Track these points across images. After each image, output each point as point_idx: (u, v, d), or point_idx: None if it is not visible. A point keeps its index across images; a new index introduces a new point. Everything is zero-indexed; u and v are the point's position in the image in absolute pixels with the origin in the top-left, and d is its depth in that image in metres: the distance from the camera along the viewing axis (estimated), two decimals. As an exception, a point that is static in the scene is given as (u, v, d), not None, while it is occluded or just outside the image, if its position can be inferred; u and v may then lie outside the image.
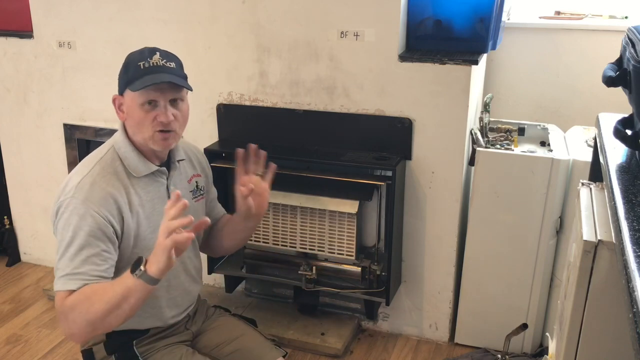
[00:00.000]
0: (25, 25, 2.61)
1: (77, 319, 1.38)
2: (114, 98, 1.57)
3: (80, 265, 1.41)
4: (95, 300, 1.36)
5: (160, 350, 1.62)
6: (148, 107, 1.49)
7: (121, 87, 1.54)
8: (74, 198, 1.45)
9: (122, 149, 1.55)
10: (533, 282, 2.20)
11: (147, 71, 1.48)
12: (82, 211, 1.44)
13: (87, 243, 1.43)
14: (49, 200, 2.83)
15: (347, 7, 2.12)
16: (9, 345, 2.42)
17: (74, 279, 1.41)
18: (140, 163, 1.55)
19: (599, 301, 1.17)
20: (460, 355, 2.32)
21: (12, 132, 2.83)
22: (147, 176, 1.56)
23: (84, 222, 1.43)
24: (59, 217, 1.47)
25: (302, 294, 2.41)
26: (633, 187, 1.10)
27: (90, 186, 1.47)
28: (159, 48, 1.55)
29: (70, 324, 1.39)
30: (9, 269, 3.01)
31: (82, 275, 1.41)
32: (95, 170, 1.51)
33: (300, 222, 2.30)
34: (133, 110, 1.51)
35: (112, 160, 1.54)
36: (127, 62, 1.53)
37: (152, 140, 1.52)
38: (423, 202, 2.26)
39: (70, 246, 1.43)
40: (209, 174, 1.82)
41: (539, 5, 2.69)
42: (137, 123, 1.51)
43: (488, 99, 2.30)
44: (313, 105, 2.28)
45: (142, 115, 1.50)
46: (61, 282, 1.41)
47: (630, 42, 1.26)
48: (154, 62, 1.50)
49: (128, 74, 1.51)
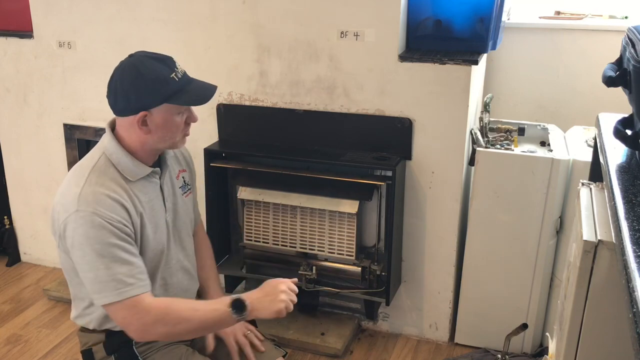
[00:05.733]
0: (25, 25, 2.61)
1: (163, 330, 1.44)
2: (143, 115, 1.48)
3: (125, 269, 1.42)
4: (186, 319, 1.44)
5: (159, 350, 1.62)
6: (185, 113, 1.53)
7: (152, 102, 1.46)
8: (80, 212, 1.41)
9: (114, 155, 1.51)
10: (533, 282, 2.20)
11: (186, 82, 1.50)
12: (97, 222, 1.40)
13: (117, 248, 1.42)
14: (49, 200, 2.85)
15: (347, 7, 2.12)
16: (9, 345, 2.42)
17: (140, 280, 1.43)
18: (134, 167, 1.53)
19: (599, 301, 1.17)
20: (460, 355, 2.32)
21: (12, 132, 2.83)
22: (142, 178, 1.55)
23: (103, 232, 1.41)
24: (71, 234, 1.42)
25: (302, 294, 2.40)
26: (633, 187, 1.10)
27: (94, 196, 1.43)
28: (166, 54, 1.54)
29: (152, 333, 1.45)
30: (9, 269, 3.01)
31: (135, 278, 1.42)
32: (92, 179, 1.47)
33: (300, 222, 2.30)
34: (169, 121, 1.49)
35: (106, 167, 1.50)
36: (151, 76, 1.45)
37: (180, 143, 1.56)
38: (423, 202, 2.26)
39: (103, 257, 1.40)
40: (193, 169, 1.81)
41: (539, 5, 2.69)
42: (172, 132, 1.51)
43: (488, 99, 2.30)
44: (313, 105, 2.28)
45: (180, 122, 1.51)
46: (116, 293, 1.40)
47: (630, 42, 1.26)
48: (180, 71, 1.50)
49: (167, 89, 1.45)
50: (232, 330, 1.71)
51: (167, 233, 1.61)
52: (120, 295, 1.40)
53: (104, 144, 1.55)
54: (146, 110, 1.48)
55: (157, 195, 1.59)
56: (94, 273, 1.41)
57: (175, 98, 1.47)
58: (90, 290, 1.44)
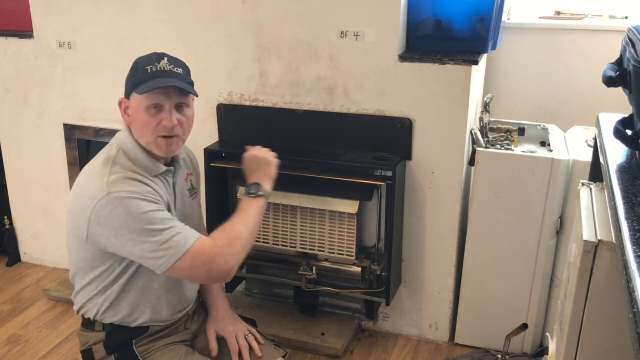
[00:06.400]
0: (25, 25, 2.61)
1: (234, 251, 1.50)
2: (120, 101, 1.57)
3: (176, 222, 1.47)
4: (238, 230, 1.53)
5: (159, 350, 1.62)
6: (153, 111, 1.50)
7: (128, 90, 1.54)
8: (113, 193, 1.43)
9: (131, 151, 1.54)
10: (533, 282, 2.20)
11: (154, 75, 1.49)
12: (133, 197, 1.43)
13: (161, 212, 1.47)
14: (49, 200, 2.86)
15: (347, 7, 2.12)
16: (9, 345, 2.42)
17: (187, 233, 1.47)
18: (150, 163, 1.55)
19: (599, 301, 1.17)
20: (460, 355, 2.32)
21: (12, 132, 2.83)
22: (156, 176, 1.57)
23: (142, 203, 1.44)
24: (110, 217, 1.43)
25: (302, 294, 2.41)
26: (633, 187, 1.10)
27: (122, 179, 1.46)
28: (167, 53, 1.55)
29: (228, 259, 1.49)
30: (9, 269, 3.01)
31: (186, 229, 1.48)
32: (116, 169, 1.49)
33: (300, 222, 2.30)
34: (138, 113, 1.51)
35: (125, 161, 1.53)
36: (135, 66, 1.53)
37: (155, 145, 1.53)
38: (423, 202, 2.26)
39: (152, 224, 1.44)
40: (199, 173, 1.84)
41: (539, 5, 2.69)
42: (141, 126, 1.51)
43: (488, 99, 2.30)
44: (313, 105, 2.28)
45: (147, 119, 1.50)
46: (180, 239, 1.44)
47: (630, 42, 1.26)
48: (161, 66, 1.50)
49: (135, 77, 1.51)
50: (234, 330, 1.72)
51: None
52: (183, 248, 1.44)
53: (120, 139, 1.57)
54: (125, 97, 1.55)
55: (169, 194, 1.60)
56: (152, 240, 1.43)
57: (138, 87, 1.49)
58: (151, 260, 1.45)
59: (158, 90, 1.48)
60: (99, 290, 1.58)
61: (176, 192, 1.63)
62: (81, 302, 1.63)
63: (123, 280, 1.55)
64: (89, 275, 1.57)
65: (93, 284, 1.58)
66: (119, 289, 1.56)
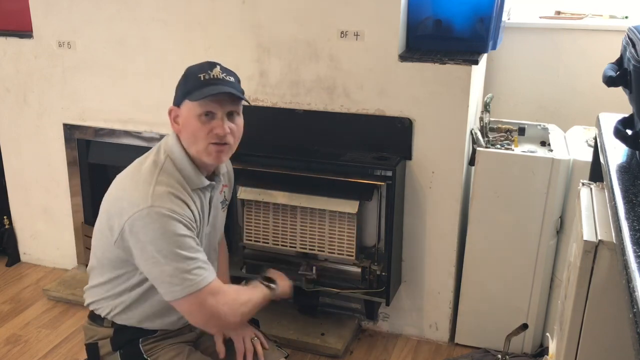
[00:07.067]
0: (25, 25, 2.61)
1: (238, 309, 1.53)
2: (170, 109, 1.56)
3: (202, 256, 1.48)
4: (247, 299, 1.57)
5: (164, 349, 1.63)
6: (205, 119, 1.49)
7: (179, 98, 1.53)
8: (155, 207, 1.43)
9: (179, 160, 1.53)
10: (533, 282, 2.20)
11: (207, 83, 1.49)
12: (173, 217, 1.43)
13: (192, 240, 1.47)
14: (49, 200, 2.86)
15: (347, 7, 2.12)
16: (9, 345, 2.42)
17: (208, 270, 1.48)
18: (195, 176, 1.55)
19: (599, 301, 1.17)
20: (460, 356, 2.32)
21: (12, 132, 2.83)
22: (198, 189, 1.57)
23: (179, 226, 1.44)
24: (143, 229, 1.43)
25: (302, 294, 2.41)
26: (633, 187, 1.09)
27: (167, 195, 1.46)
28: (219, 63, 1.55)
29: (235, 312, 1.52)
30: (8, 269, 3.01)
31: (208, 264, 1.49)
32: (163, 180, 1.49)
33: (300, 222, 2.30)
34: (189, 121, 1.50)
35: (173, 170, 1.52)
36: (187, 74, 1.54)
37: (205, 153, 1.52)
38: (423, 202, 2.26)
39: (181, 249, 1.43)
40: (232, 185, 1.85)
41: (539, 5, 2.68)
42: (192, 135, 1.51)
43: (488, 98, 2.29)
44: (313, 105, 2.28)
45: (199, 127, 1.49)
46: (201, 274, 1.45)
47: (631, 42, 1.26)
48: (214, 74, 1.50)
49: (187, 85, 1.51)
50: (242, 332, 1.72)
51: (202, 244, 1.62)
52: (200, 284, 1.45)
53: (169, 146, 1.56)
54: (175, 105, 1.54)
55: (204, 208, 1.60)
56: (174, 265, 1.43)
57: (191, 95, 1.49)
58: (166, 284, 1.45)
59: (211, 98, 1.48)
60: (116, 292, 1.58)
61: (212, 207, 1.63)
62: (94, 298, 1.63)
63: (141, 290, 1.56)
64: (107, 274, 1.58)
65: (110, 284, 1.58)
66: (136, 297, 1.57)
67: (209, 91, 1.48)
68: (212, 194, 1.63)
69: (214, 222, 1.68)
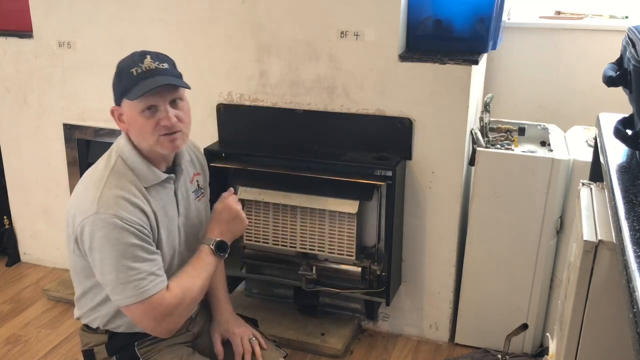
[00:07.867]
0: (25, 25, 2.61)
1: (184, 310, 1.50)
2: (112, 110, 1.52)
3: (147, 267, 1.43)
4: (194, 289, 1.51)
5: (161, 351, 1.62)
6: (149, 113, 1.45)
7: (117, 97, 1.49)
8: (101, 214, 1.40)
9: (130, 159, 1.50)
10: (533, 282, 2.20)
11: (141, 77, 1.43)
12: (118, 224, 1.40)
13: (138, 249, 1.42)
14: (49, 200, 2.86)
15: (347, 7, 2.12)
16: (9, 345, 2.42)
17: (154, 281, 1.44)
18: (149, 172, 1.51)
19: (599, 301, 1.17)
20: (460, 356, 2.32)
21: (12, 132, 2.83)
22: (156, 184, 1.54)
23: (124, 234, 1.40)
24: (89, 236, 1.41)
25: (302, 294, 2.41)
26: (633, 187, 1.09)
27: (114, 199, 1.42)
28: (149, 50, 1.49)
29: (177, 319, 1.49)
30: (8, 269, 3.01)
31: (155, 275, 1.45)
32: (112, 182, 1.45)
33: (300, 222, 2.30)
34: (134, 119, 1.46)
35: (124, 170, 1.49)
36: (119, 71, 1.48)
37: (158, 145, 1.47)
38: (423, 202, 2.26)
39: (125, 258, 1.41)
40: (207, 172, 1.79)
41: (539, 5, 2.68)
42: (140, 131, 1.47)
43: (488, 99, 2.29)
44: (313, 105, 2.28)
45: (144, 122, 1.45)
46: (143, 285, 1.42)
47: (631, 41, 1.26)
48: (145, 66, 1.44)
49: (122, 83, 1.46)
50: (240, 332, 1.72)
51: (178, 237, 1.60)
52: (141, 296, 1.42)
53: (120, 146, 1.53)
54: (116, 104, 1.51)
55: (170, 201, 1.58)
56: (115, 275, 1.41)
57: (129, 93, 1.44)
58: (110, 291, 1.44)
59: (150, 92, 1.42)
60: (97, 302, 1.56)
61: (178, 199, 1.60)
62: (81, 311, 1.62)
63: None
64: (84, 283, 1.56)
65: (89, 293, 1.57)
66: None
67: (146, 86, 1.41)
68: (176, 185, 1.59)
69: (186, 213, 1.63)
